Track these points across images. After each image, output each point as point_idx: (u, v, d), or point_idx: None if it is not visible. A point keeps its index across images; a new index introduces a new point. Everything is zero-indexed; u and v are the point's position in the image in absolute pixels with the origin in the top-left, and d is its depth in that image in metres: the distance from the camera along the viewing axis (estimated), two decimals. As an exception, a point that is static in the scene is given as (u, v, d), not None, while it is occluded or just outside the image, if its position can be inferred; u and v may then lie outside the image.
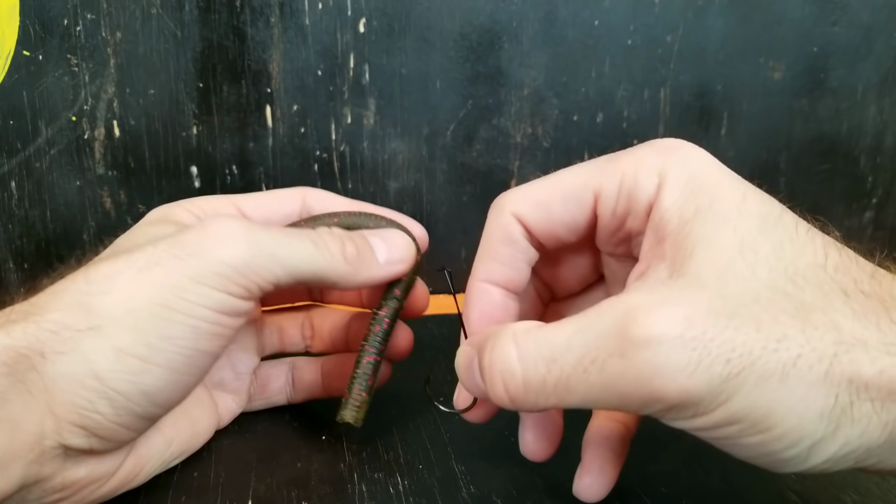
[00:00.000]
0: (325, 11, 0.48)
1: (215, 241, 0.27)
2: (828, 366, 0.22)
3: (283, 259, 0.28)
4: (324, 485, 0.31)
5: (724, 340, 0.22)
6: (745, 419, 0.22)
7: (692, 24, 0.52)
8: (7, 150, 0.47)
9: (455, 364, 0.27)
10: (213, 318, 0.27)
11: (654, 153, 0.26)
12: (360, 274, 0.31)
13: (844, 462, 0.23)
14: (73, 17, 0.45)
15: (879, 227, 0.60)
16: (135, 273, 0.26)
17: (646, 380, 0.22)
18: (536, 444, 0.29)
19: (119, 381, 0.25)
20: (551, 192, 0.27)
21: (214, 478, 0.31)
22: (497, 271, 0.29)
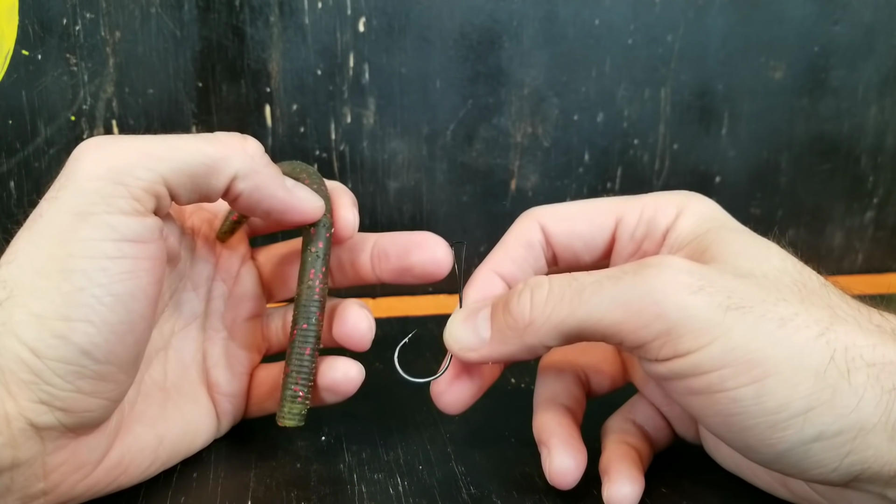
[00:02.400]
0: (325, 11, 0.48)
1: (81, 161, 0.25)
2: (824, 329, 0.23)
3: (162, 154, 0.26)
4: (323, 485, 0.31)
5: (727, 284, 0.24)
6: (739, 361, 0.22)
7: (693, 23, 0.52)
8: (6, 150, 0.47)
9: (449, 322, 0.29)
10: (116, 250, 0.25)
11: (674, 195, 0.30)
12: (262, 174, 0.28)
13: (839, 443, 0.22)
14: (72, 17, 0.45)
15: (880, 226, 0.60)
16: (26, 234, 0.25)
17: (651, 291, 0.23)
18: (565, 464, 0.28)
19: (50, 347, 0.24)
20: (577, 211, 0.30)
21: (214, 478, 0.31)
22: (506, 266, 0.30)
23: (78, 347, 0.24)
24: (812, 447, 0.23)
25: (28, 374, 0.24)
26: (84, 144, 0.26)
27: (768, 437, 0.23)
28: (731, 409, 0.23)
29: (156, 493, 0.30)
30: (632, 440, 0.31)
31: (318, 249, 0.31)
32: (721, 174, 0.56)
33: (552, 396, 0.31)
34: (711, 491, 0.30)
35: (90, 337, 0.24)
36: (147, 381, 0.31)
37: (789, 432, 0.23)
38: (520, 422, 0.35)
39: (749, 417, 0.23)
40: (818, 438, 0.23)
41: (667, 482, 0.31)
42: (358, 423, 0.35)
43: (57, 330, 0.24)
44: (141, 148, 0.26)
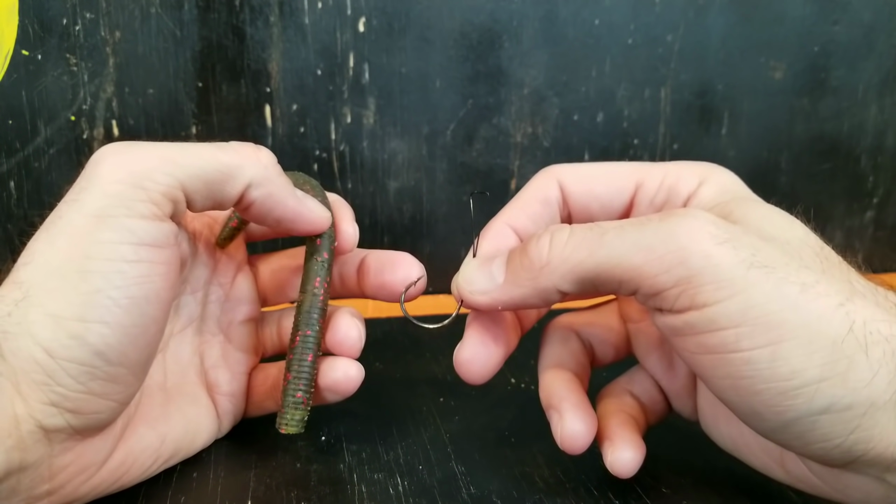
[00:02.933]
0: (325, 10, 0.48)
1: (101, 165, 0.26)
2: (844, 300, 0.22)
3: (179, 159, 0.26)
4: (323, 485, 0.31)
5: (752, 242, 0.23)
6: (758, 321, 0.22)
7: (693, 23, 0.52)
8: (6, 150, 0.47)
9: (461, 267, 0.29)
10: (134, 254, 0.25)
11: (696, 165, 0.29)
12: (274, 183, 0.28)
13: (847, 417, 0.22)
14: (72, 17, 0.45)
15: (880, 226, 0.60)
16: (44, 235, 0.25)
17: (676, 236, 0.23)
18: (577, 428, 0.28)
19: (64, 348, 0.24)
20: (598, 172, 0.30)
21: (214, 478, 0.31)
22: (521, 221, 0.30)
23: (92, 348, 0.24)
24: (820, 419, 0.22)
25: (41, 374, 0.24)
26: (104, 149, 0.26)
27: (777, 404, 0.22)
28: (743, 371, 0.23)
29: (156, 492, 0.30)
30: (629, 410, 0.30)
31: (323, 259, 0.31)
32: (721, 174, 0.56)
33: (559, 362, 0.31)
34: (711, 491, 0.30)
35: (105, 338, 0.24)
36: (148, 382, 0.31)
37: (799, 401, 0.22)
38: (520, 422, 0.36)
39: (760, 381, 0.22)
40: (827, 410, 0.22)
41: (667, 482, 0.31)
42: (358, 423, 0.35)
43: (72, 330, 0.24)
44: (160, 153, 0.26)
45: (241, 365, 0.34)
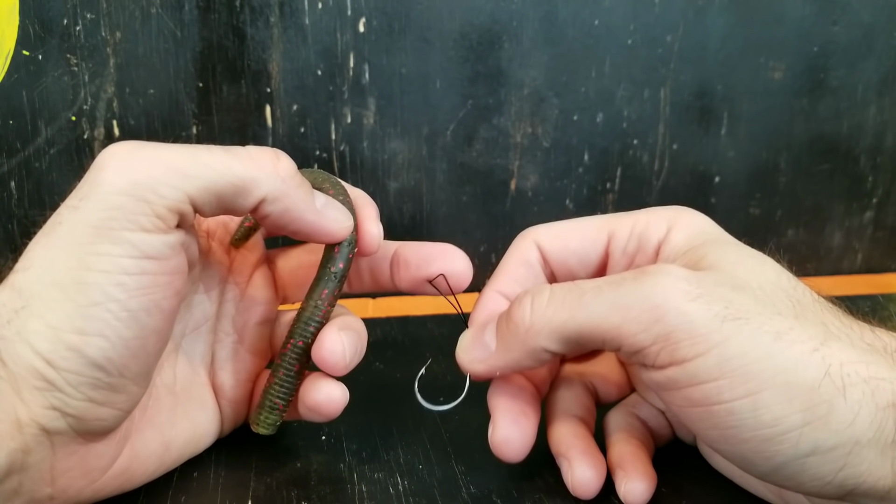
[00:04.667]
0: (325, 11, 0.48)
1: (104, 171, 0.24)
2: (818, 345, 0.23)
3: (189, 170, 0.25)
4: (324, 485, 0.31)
5: (724, 294, 0.24)
6: (736, 372, 0.23)
7: (692, 23, 0.52)
8: (6, 150, 0.47)
9: (459, 341, 0.30)
10: (135, 266, 0.24)
11: (664, 210, 0.30)
12: (292, 196, 0.27)
13: (833, 458, 0.23)
14: (72, 17, 0.45)
15: (880, 226, 0.60)
16: (43, 240, 0.24)
17: (650, 296, 0.24)
18: (587, 475, 0.29)
19: (63, 358, 0.23)
20: (570, 228, 0.31)
21: (214, 478, 0.31)
22: (510, 286, 0.31)
23: (91, 361, 0.24)
24: (807, 461, 0.23)
25: (41, 381, 0.24)
26: (109, 152, 0.25)
27: (764, 451, 0.23)
28: (728, 421, 0.23)
29: (156, 492, 0.30)
30: (638, 435, 0.31)
31: (337, 270, 0.30)
32: (720, 174, 0.56)
33: (566, 408, 0.31)
34: (711, 491, 0.30)
35: (104, 351, 0.24)
36: (158, 385, 0.30)
37: (785, 446, 0.23)
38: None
39: (745, 430, 0.23)
40: (813, 453, 0.23)
41: (667, 482, 0.31)
42: (358, 423, 0.35)
43: (71, 343, 0.24)
44: (168, 162, 0.25)
45: (247, 371, 0.33)
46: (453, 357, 0.31)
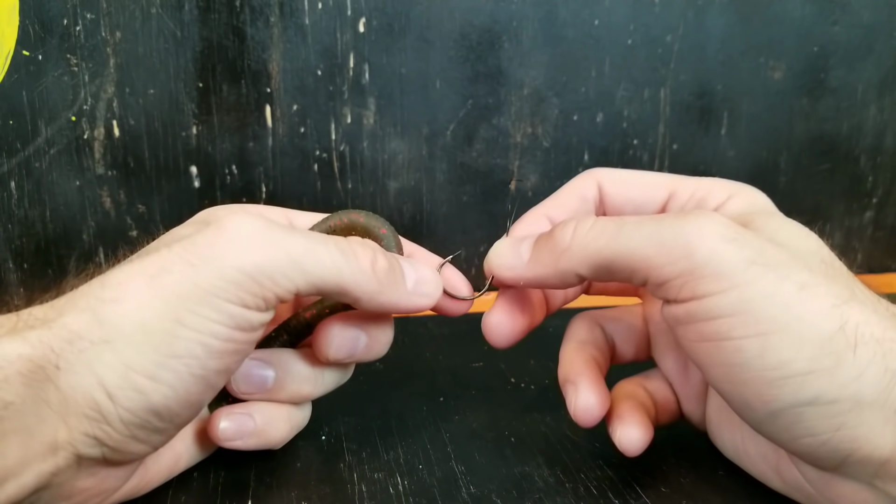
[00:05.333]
0: (325, 11, 0.48)
1: (230, 242, 0.25)
2: (840, 302, 0.24)
3: (306, 266, 0.26)
4: (324, 485, 0.31)
5: (759, 244, 0.24)
6: (753, 312, 0.23)
7: (692, 23, 0.52)
8: (7, 150, 0.47)
9: (494, 245, 0.30)
10: (226, 334, 0.25)
11: (729, 182, 0.31)
12: (385, 293, 0.28)
13: (832, 412, 0.23)
14: (72, 17, 0.45)
15: (880, 226, 0.60)
16: (146, 280, 0.24)
17: (686, 233, 0.24)
18: (591, 401, 0.29)
19: (127, 399, 0.24)
20: (635, 179, 0.32)
21: (214, 478, 0.31)
22: (558, 213, 0.32)
23: (152, 406, 0.24)
24: (805, 410, 0.23)
25: (94, 412, 0.24)
26: (236, 224, 0.25)
27: (765, 393, 0.24)
28: (734, 358, 0.24)
29: (156, 492, 0.30)
30: (642, 399, 0.32)
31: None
32: (720, 174, 0.55)
33: (581, 344, 0.32)
34: (711, 491, 0.30)
35: (167, 400, 0.25)
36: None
37: (785, 391, 0.23)
38: (520, 422, 0.36)
39: (749, 370, 0.24)
40: (813, 403, 0.23)
41: (667, 482, 0.31)
42: (358, 423, 0.35)
43: (140, 385, 0.24)
44: (288, 252, 0.25)
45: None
46: (454, 356, 0.31)
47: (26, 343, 0.23)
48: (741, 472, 0.31)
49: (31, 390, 0.23)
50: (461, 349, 0.33)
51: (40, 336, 0.23)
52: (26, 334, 0.23)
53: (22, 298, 0.50)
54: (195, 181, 0.50)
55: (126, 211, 0.49)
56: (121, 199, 0.49)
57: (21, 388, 0.23)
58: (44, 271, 0.49)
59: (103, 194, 0.49)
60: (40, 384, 0.23)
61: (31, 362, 0.23)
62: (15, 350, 0.23)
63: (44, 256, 0.49)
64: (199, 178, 0.50)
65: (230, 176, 0.50)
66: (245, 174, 0.50)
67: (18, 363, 0.23)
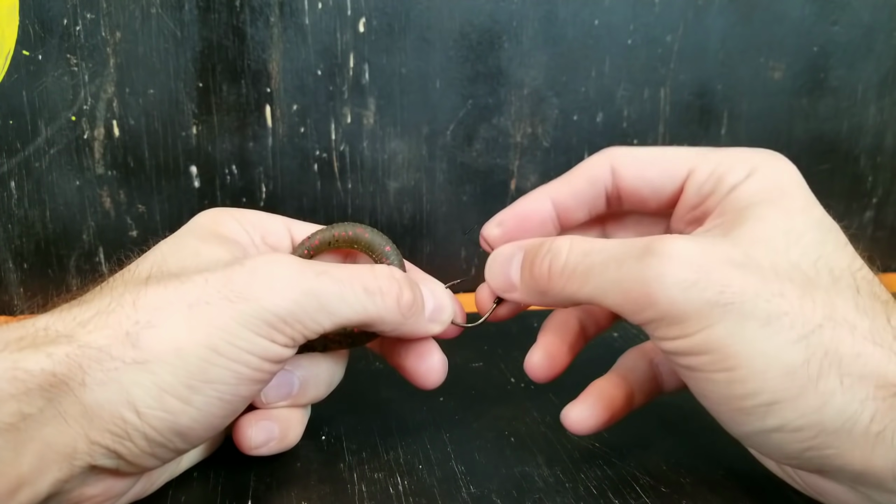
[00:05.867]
0: (325, 11, 0.48)
1: (267, 286, 0.26)
2: (809, 332, 0.24)
3: (332, 309, 0.27)
4: (324, 485, 0.31)
5: (725, 275, 0.24)
6: (718, 351, 0.24)
7: (692, 23, 0.52)
8: (7, 150, 0.47)
9: (490, 258, 0.31)
10: (256, 364, 0.26)
11: (752, 153, 0.29)
12: (407, 325, 0.30)
13: (799, 438, 0.24)
14: (72, 17, 0.45)
15: (880, 226, 0.60)
16: (185, 309, 0.25)
17: (646, 283, 0.25)
18: (535, 358, 0.31)
19: (156, 418, 0.25)
20: (652, 157, 0.31)
21: (214, 478, 0.31)
22: (563, 195, 0.31)
23: (179, 427, 0.25)
24: (772, 436, 0.25)
25: (119, 429, 0.24)
26: (273, 266, 0.27)
27: (735, 419, 0.25)
28: (706, 389, 0.26)
29: (156, 492, 0.30)
30: (629, 377, 0.32)
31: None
32: (720, 174, 0.56)
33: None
34: (711, 491, 0.30)
35: (194, 422, 0.26)
36: None
37: (752, 418, 0.25)
38: (520, 422, 0.36)
39: (720, 400, 0.25)
40: (779, 430, 0.24)
41: (667, 482, 0.31)
42: (358, 423, 0.35)
43: (171, 407, 0.25)
44: (319, 297, 0.27)
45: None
46: (454, 356, 0.31)
47: (50, 358, 0.23)
48: (741, 473, 0.31)
49: (51, 403, 0.23)
50: (461, 349, 0.33)
51: (67, 352, 0.24)
52: (50, 349, 0.24)
53: (22, 298, 0.50)
54: (195, 181, 0.50)
55: (126, 211, 0.49)
56: (121, 199, 0.49)
57: (41, 401, 0.23)
58: (44, 271, 0.49)
59: (103, 194, 0.49)
60: (60, 398, 0.23)
61: (55, 377, 0.23)
62: (38, 364, 0.23)
63: (44, 256, 0.49)
64: (199, 178, 0.50)
65: (230, 176, 0.50)
66: (245, 174, 0.50)
67: (41, 377, 0.23)
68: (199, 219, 0.32)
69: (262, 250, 0.32)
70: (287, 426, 0.31)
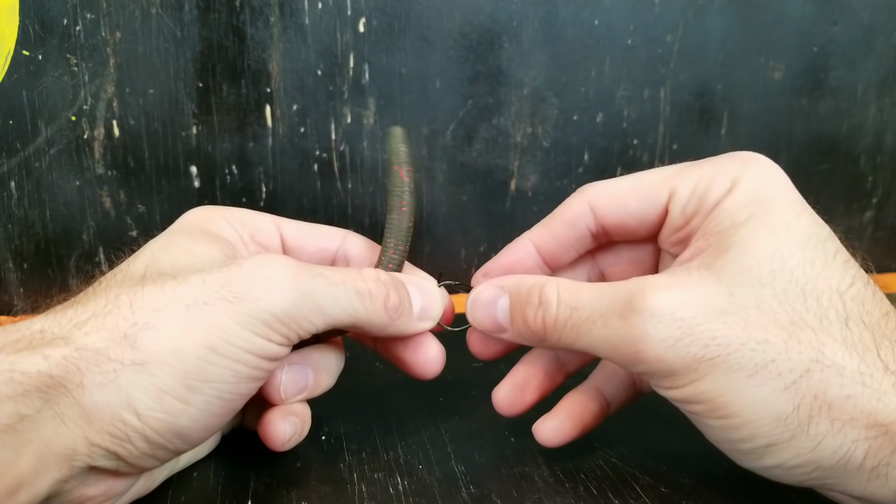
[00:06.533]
0: (325, 11, 0.48)
1: (264, 286, 0.26)
2: (797, 377, 0.24)
3: (326, 310, 0.28)
4: (323, 485, 0.31)
5: (708, 328, 0.25)
6: (709, 401, 0.25)
7: (692, 23, 0.52)
8: (7, 150, 0.47)
9: (470, 300, 0.31)
10: (254, 362, 0.26)
11: (732, 161, 0.28)
12: (395, 326, 0.30)
13: (797, 473, 0.25)
14: (72, 17, 0.45)
15: (880, 226, 0.60)
16: (183, 310, 0.25)
17: (633, 341, 0.25)
18: (508, 397, 0.33)
19: (156, 420, 0.25)
20: (630, 188, 0.30)
21: (214, 478, 0.31)
22: (546, 241, 0.32)
23: (179, 428, 0.25)
24: (772, 471, 0.26)
25: (118, 430, 0.24)
26: (271, 267, 0.27)
27: (734, 457, 0.27)
28: (704, 431, 0.27)
29: (156, 492, 0.30)
30: (605, 389, 0.33)
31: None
32: (720, 174, 0.56)
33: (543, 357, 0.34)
34: (711, 491, 0.30)
35: (194, 422, 0.26)
36: None
37: (751, 457, 0.26)
38: (520, 422, 0.36)
39: (718, 441, 0.27)
40: (777, 467, 0.25)
41: (667, 482, 0.31)
42: (358, 423, 0.35)
43: (171, 408, 0.25)
44: (314, 298, 0.27)
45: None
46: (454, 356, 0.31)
47: (47, 360, 0.23)
48: (741, 472, 0.31)
49: (48, 405, 0.23)
50: (461, 349, 0.33)
51: (64, 354, 0.24)
52: (46, 351, 0.24)
53: (22, 298, 0.50)
54: (195, 181, 0.50)
55: (126, 211, 0.49)
56: (121, 199, 0.49)
57: (38, 403, 0.23)
58: (44, 271, 0.49)
59: (103, 194, 0.49)
60: (58, 399, 0.23)
61: (52, 378, 0.23)
62: (35, 367, 0.23)
63: (44, 256, 0.49)
64: (199, 178, 0.50)
65: (230, 176, 0.50)
66: (245, 174, 0.50)
67: (38, 379, 0.23)
68: (187, 217, 0.32)
69: (252, 249, 0.32)
70: (304, 419, 0.32)
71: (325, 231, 0.34)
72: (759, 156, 0.28)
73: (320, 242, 0.34)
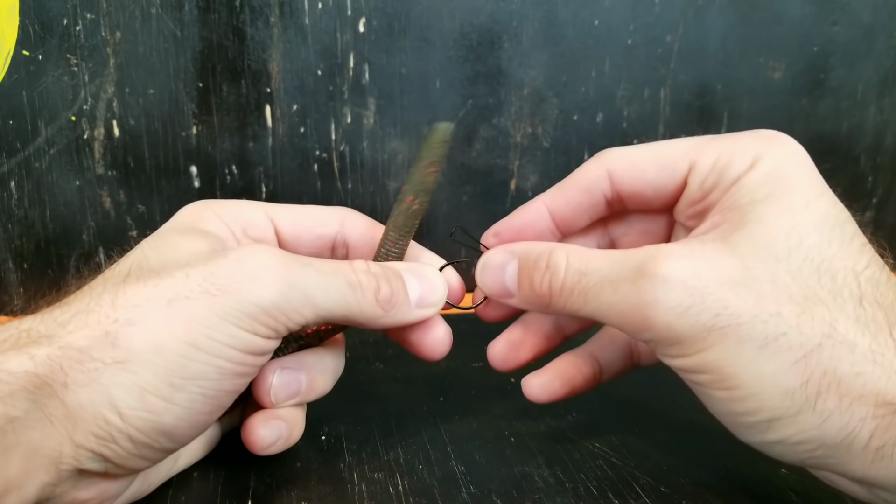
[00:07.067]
0: (325, 11, 0.48)
1: (249, 278, 0.26)
2: (807, 352, 0.24)
3: (316, 301, 0.27)
4: (323, 485, 0.31)
5: (720, 298, 0.24)
6: (716, 371, 0.24)
7: (692, 23, 0.52)
8: (7, 150, 0.47)
9: (480, 263, 0.31)
10: (239, 358, 0.26)
11: (755, 139, 0.28)
12: (389, 317, 0.29)
13: (799, 451, 0.24)
14: (72, 17, 0.45)
15: (880, 226, 0.60)
16: (164, 305, 0.25)
17: (642, 307, 0.25)
18: (502, 351, 0.32)
19: (139, 419, 0.24)
20: (650, 157, 0.29)
21: (214, 478, 0.31)
22: (559, 205, 0.31)
23: (164, 427, 0.25)
24: (774, 446, 0.25)
25: (103, 431, 0.24)
26: (257, 257, 0.26)
27: (737, 431, 0.26)
28: (708, 403, 0.26)
29: (156, 492, 0.30)
30: (600, 354, 0.33)
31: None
32: (720, 174, 0.56)
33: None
34: (711, 491, 0.30)
35: (178, 420, 0.25)
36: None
37: (753, 431, 0.25)
38: (520, 422, 0.36)
39: (722, 414, 0.26)
40: (780, 442, 0.25)
41: (667, 482, 0.31)
42: (358, 423, 0.35)
43: (153, 407, 0.24)
44: (303, 289, 0.27)
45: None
46: (454, 356, 0.31)
47: (33, 360, 0.23)
48: (741, 473, 0.31)
49: (36, 406, 0.23)
50: (461, 349, 0.33)
51: (48, 353, 0.23)
52: (32, 351, 0.23)
53: (22, 298, 0.50)
54: (195, 181, 0.50)
55: (126, 211, 0.49)
56: (121, 199, 0.49)
57: (26, 404, 0.23)
58: (44, 271, 0.49)
59: (103, 194, 0.49)
60: (45, 400, 0.23)
61: (38, 378, 0.23)
62: (21, 367, 0.23)
63: (44, 256, 0.49)
64: (199, 178, 0.50)
65: (230, 176, 0.50)
66: (245, 174, 0.50)
67: (25, 379, 0.23)
68: (180, 214, 0.31)
69: (244, 243, 0.32)
70: (293, 424, 0.31)
71: (322, 217, 0.33)
72: (783, 134, 0.28)
73: (317, 230, 0.33)
